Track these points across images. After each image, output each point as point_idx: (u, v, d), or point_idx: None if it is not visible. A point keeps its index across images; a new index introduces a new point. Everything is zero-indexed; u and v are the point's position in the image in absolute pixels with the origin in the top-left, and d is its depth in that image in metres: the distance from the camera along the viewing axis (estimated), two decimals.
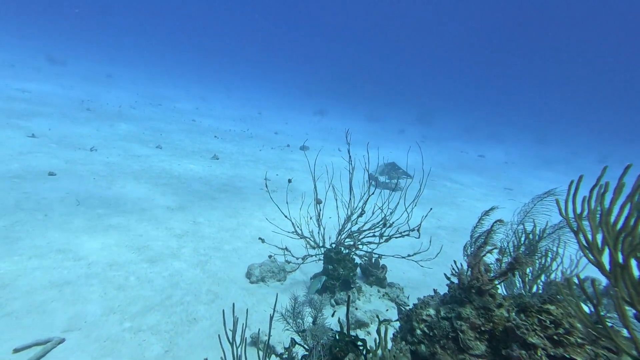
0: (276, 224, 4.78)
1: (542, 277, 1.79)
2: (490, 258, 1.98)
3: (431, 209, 3.58)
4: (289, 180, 3.50)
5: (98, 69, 21.89)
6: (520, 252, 1.94)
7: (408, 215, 3.13)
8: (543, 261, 1.84)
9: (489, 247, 1.82)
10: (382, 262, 3.98)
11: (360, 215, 3.39)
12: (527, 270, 1.83)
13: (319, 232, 3.66)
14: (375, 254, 3.85)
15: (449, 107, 41.01)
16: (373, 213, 3.69)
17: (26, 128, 6.66)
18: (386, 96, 39.63)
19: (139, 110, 12.11)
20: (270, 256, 3.64)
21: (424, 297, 2.41)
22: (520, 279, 1.86)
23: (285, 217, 3.47)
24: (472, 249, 2.17)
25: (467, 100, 49.08)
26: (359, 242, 3.58)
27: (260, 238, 3.39)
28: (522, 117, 41.59)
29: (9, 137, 5.87)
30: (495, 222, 1.91)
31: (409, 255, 3.65)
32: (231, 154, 8.84)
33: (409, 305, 3.41)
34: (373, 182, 8.69)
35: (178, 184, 5.92)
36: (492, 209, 2.15)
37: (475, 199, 8.66)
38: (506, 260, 1.89)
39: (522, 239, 1.92)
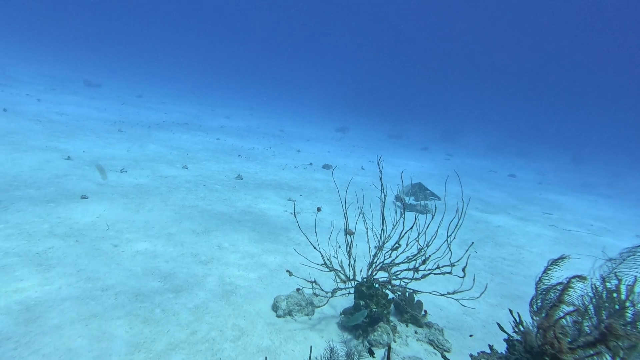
0: (301, 250, 4.61)
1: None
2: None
3: (472, 242, 3.29)
4: (318, 209, 3.33)
5: (130, 90, 23.06)
6: (611, 319, 1.65)
7: (450, 252, 2.87)
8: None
9: (564, 308, 1.55)
10: (416, 297, 3.70)
11: (395, 248, 3.16)
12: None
13: (349, 265, 3.44)
14: (409, 289, 3.57)
15: (474, 124, 40.01)
16: (407, 244, 3.44)
17: (63, 150, 6.94)
18: (408, 113, 39.29)
19: (166, 130, 12.49)
20: (298, 289, 3.46)
21: (478, 354, 2.13)
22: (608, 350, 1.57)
23: (315, 248, 3.30)
24: (538, 304, 1.89)
25: (493, 117, 47.79)
26: (394, 277, 3.33)
27: (287, 271, 3.22)
28: (554, 134, 39.77)
29: (47, 160, 6.11)
30: (573, 277, 1.65)
31: (448, 293, 3.35)
32: (255, 174, 8.84)
33: (449, 351, 3.10)
34: (400, 204, 8.39)
35: (204, 206, 5.89)
36: (562, 258, 1.88)
37: (511, 225, 8.12)
38: (587, 324, 1.62)
39: (606, 300, 1.64)
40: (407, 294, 3.72)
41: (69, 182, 5.35)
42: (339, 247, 3.92)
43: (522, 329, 1.99)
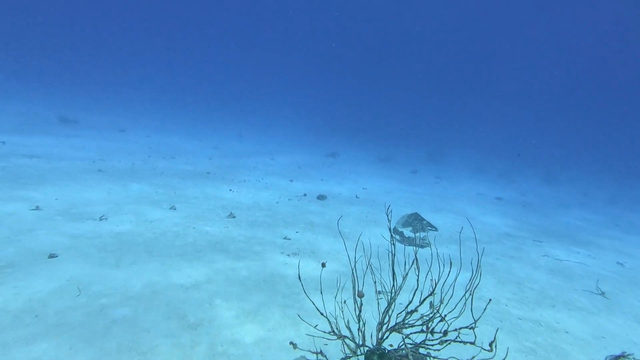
0: (300, 299, 4.13)
1: None
2: None
3: (490, 300, 2.89)
4: (323, 265, 2.93)
5: (111, 123, 22.49)
6: None
7: (474, 323, 2.46)
8: None
9: None
10: None
11: (411, 312, 2.75)
12: None
13: (358, 329, 2.99)
14: (421, 354, 3.13)
15: (458, 145, 40.83)
16: (421, 302, 3.02)
17: (31, 200, 6.35)
18: (395, 135, 39.88)
19: (151, 166, 12.00)
20: None
21: None
22: None
23: (322, 314, 2.86)
24: None
25: (474, 139, 49.00)
26: (410, 343, 2.89)
27: (291, 343, 2.76)
28: (528, 156, 40.97)
29: (10, 213, 5.51)
30: None
31: None
32: (247, 210, 8.39)
33: None
34: (398, 237, 8.00)
35: (193, 253, 5.38)
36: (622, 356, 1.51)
37: (508, 256, 7.79)
38: None
39: None
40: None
41: (35, 238, 4.77)
42: (344, 302, 3.46)
43: None
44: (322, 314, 2.78)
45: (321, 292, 3.13)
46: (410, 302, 2.80)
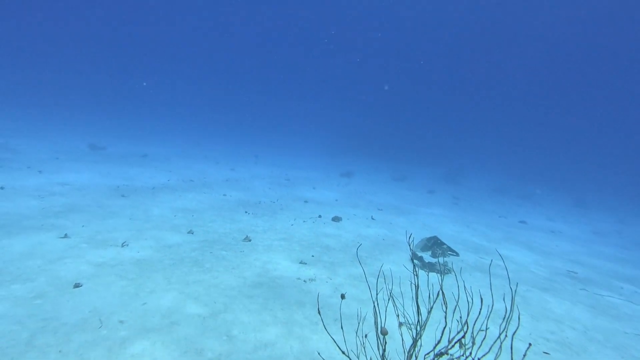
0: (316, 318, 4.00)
1: None
2: None
3: (530, 344, 2.71)
4: (342, 296, 2.85)
5: (134, 149, 23.37)
6: None
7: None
8: None
9: None
10: None
11: (439, 354, 2.61)
12: None
13: None
14: None
15: (476, 165, 40.00)
16: (452, 345, 2.88)
17: (61, 228, 6.58)
18: (411, 154, 39.58)
19: (171, 190, 12.30)
20: None
21: None
22: None
23: (343, 352, 2.76)
24: None
25: (495, 158, 47.82)
26: None
27: None
28: (555, 177, 39.27)
29: (41, 242, 5.72)
30: None
31: None
32: (263, 233, 8.40)
33: None
34: (417, 262, 7.77)
35: (210, 280, 5.39)
36: None
37: (540, 287, 7.19)
38: None
39: None
40: None
41: (63, 267, 4.91)
42: (366, 335, 3.34)
43: None
44: (343, 352, 2.69)
45: (342, 327, 3.04)
46: (438, 342, 2.68)
